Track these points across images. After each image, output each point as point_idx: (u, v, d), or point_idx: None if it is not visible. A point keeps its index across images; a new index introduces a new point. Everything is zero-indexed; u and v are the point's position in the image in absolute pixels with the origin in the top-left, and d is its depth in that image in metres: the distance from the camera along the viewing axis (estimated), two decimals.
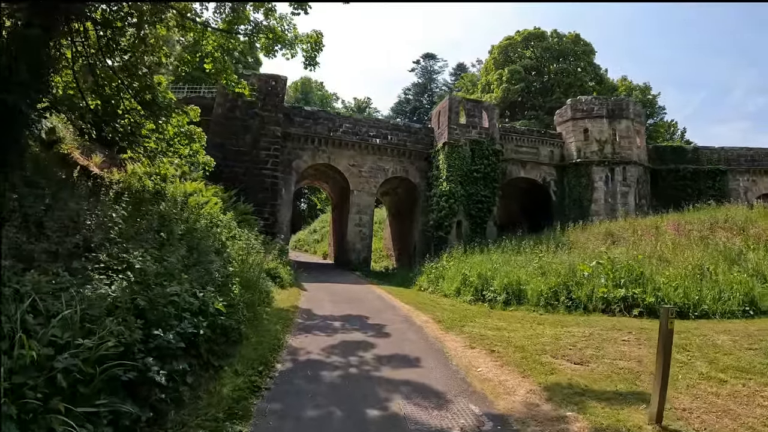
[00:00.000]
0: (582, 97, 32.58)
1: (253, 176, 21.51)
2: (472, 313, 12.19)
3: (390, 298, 14.04)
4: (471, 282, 14.89)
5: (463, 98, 28.19)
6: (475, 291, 14.57)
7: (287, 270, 14.39)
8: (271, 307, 10.17)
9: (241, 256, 10.66)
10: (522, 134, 30.20)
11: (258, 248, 13.81)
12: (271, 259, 13.68)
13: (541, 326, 10.35)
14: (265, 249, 14.96)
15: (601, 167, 29.54)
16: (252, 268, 9.86)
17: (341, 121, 25.02)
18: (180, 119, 13.34)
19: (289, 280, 13.88)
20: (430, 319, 10.62)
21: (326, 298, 12.72)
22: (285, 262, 15.12)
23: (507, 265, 16.02)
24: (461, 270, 16.44)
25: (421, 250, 25.70)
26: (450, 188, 23.62)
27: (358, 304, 11.90)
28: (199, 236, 9.43)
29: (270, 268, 13.08)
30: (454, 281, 15.93)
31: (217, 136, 22.10)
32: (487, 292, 14.19)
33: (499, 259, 16.57)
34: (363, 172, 25.05)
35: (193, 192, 15.94)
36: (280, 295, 12.03)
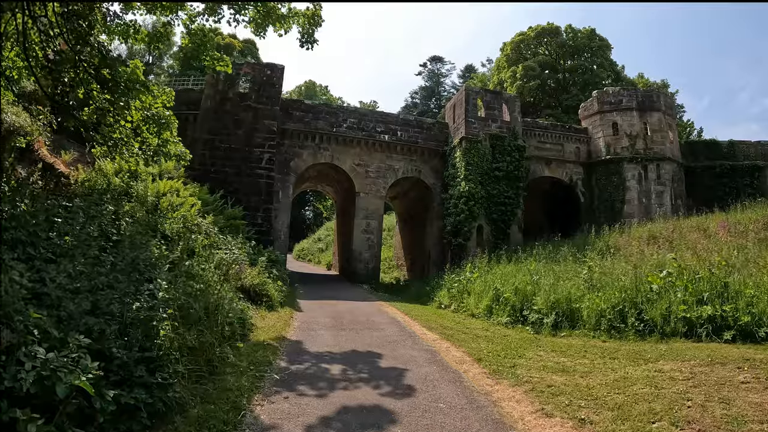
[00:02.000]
0: (609, 88, 29.83)
1: (246, 176, 18.84)
2: (515, 342, 9.36)
3: (406, 320, 11.19)
4: (506, 299, 12.06)
5: (481, 89, 25.47)
6: (513, 310, 11.78)
7: (277, 286, 11.62)
8: (247, 340, 7.38)
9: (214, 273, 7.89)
10: (545, 129, 27.42)
11: (242, 259, 11.06)
12: (257, 273, 10.92)
13: (617, 362, 7.67)
14: (252, 260, 12.20)
15: (633, 164, 26.81)
16: (215, 288, 7.07)
17: (345, 116, 22.34)
18: (147, 100, 10.78)
19: (279, 298, 11.09)
20: (465, 355, 7.77)
21: (325, 323, 9.89)
22: (276, 275, 12.36)
23: (546, 276, 13.24)
24: (491, 283, 13.63)
25: (436, 259, 22.85)
26: (469, 188, 20.79)
27: (366, 333, 9.06)
28: (139, 244, 6.69)
29: (254, 284, 10.32)
30: (484, 297, 13.09)
31: (205, 132, 19.54)
32: (528, 312, 11.38)
33: (537, 270, 13.71)
34: (370, 172, 22.29)
35: (166, 192, 13.29)
36: (265, 321, 9.23)
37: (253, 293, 10.35)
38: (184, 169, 16.49)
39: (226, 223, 14.83)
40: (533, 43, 52.91)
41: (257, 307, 10.05)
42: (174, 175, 15.90)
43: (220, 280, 7.82)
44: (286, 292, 12.48)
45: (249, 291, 10.32)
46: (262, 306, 10.23)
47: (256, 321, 8.84)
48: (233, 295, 7.98)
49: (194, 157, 19.95)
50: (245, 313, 7.96)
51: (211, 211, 14.28)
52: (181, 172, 16.26)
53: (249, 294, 10.35)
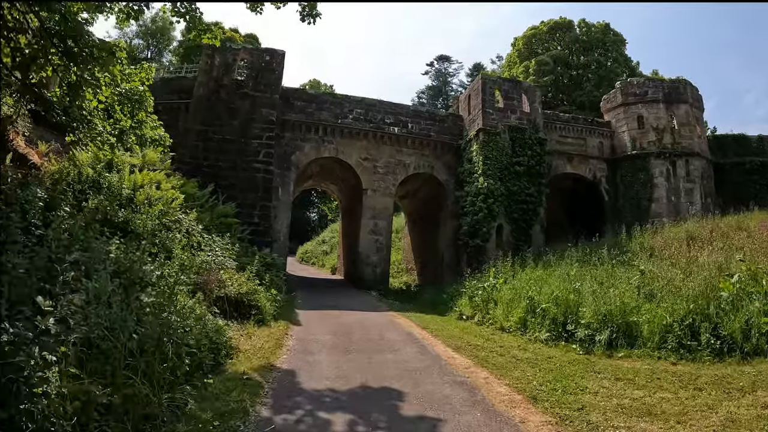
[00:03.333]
0: (633, 79, 27.89)
1: (241, 171, 17.00)
2: (566, 367, 7.45)
3: (426, 337, 9.25)
4: (545, 310, 10.11)
5: (499, 77, 23.57)
6: (553, 324, 9.87)
7: (271, 295, 9.70)
8: (222, 372, 5.49)
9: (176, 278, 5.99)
10: (566, 122, 25.43)
11: (227, 263, 9.19)
12: (246, 279, 9.02)
13: (706, 394, 5.97)
14: (241, 263, 10.31)
15: (661, 160, 24.82)
16: (179, 302, 5.18)
17: (351, 106, 20.47)
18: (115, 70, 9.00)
19: (272, 310, 9.17)
20: (512, 391, 5.84)
21: (327, 342, 7.97)
22: (269, 282, 10.44)
23: (586, 282, 11.34)
24: (521, 291, 11.71)
25: (450, 262, 20.89)
26: (488, 185, 18.83)
27: (378, 356, 7.14)
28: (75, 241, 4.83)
29: (241, 293, 8.42)
30: (515, 308, 11.16)
31: (198, 122, 17.75)
32: (574, 326, 9.46)
33: (577, 275, 11.76)
34: (378, 167, 20.39)
35: (144, 184, 11.46)
36: (252, 341, 7.33)
37: (240, 304, 8.46)
38: (170, 161, 14.70)
39: (216, 222, 12.99)
40: (545, 37, 51.04)
41: (243, 322, 8.16)
42: (160, 167, 14.11)
43: (187, 290, 5.94)
44: (281, 302, 10.57)
45: (234, 301, 8.43)
46: (251, 320, 8.33)
47: (239, 342, 6.94)
48: (204, 310, 6.08)
49: (185, 149, 18.20)
50: (222, 332, 6.06)
51: (197, 207, 12.44)
52: (167, 165, 14.46)
53: (235, 305, 8.46)
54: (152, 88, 21.13)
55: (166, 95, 20.09)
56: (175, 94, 19.85)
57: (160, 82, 20.90)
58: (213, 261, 8.66)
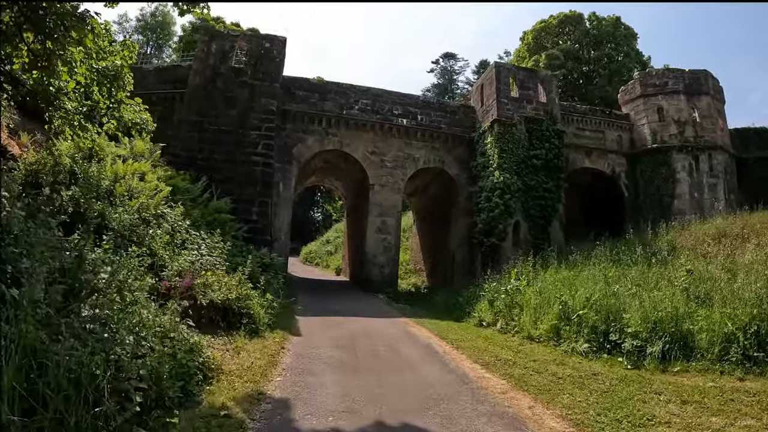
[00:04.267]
0: (652, 70, 26.46)
1: (239, 164, 15.76)
2: (619, 387, 6.21)
3: (447, 350, 7.95)
4: (582, 317, 8.79)
5: (514, 66, 22.26)
6: (593, 333, 8.55)
7: (266, 301, 8.41)
8: (196, 402, 4.22)
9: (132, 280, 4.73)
10: (583, 114, 24.09)
11: (216, 264, 7.93)
12: (237, 283, 7.76)
13: None
14: (234, 264, 9.04)
15: (683, 154, 23.50)
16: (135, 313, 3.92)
17: (357, 96, 19.19)
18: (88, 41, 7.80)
19: (267, 319, 7.87)
20: (569, 425, 4.55)
21: (331, 358, 6.69)
22: (265, 285, 9.13)
23: (621, 284, 10.11)
24: (550, 294, 10.40)
25: (462, 263, 19.57)
26: (504, 179, 17.49)
27: (394, 378, 5.85)
28: None
29: (230, 299, 7.15)
30: (544, 314, 9.85)
31: (193, 112, 16.56)
32: (618, 335, 8.17)
33: (616, 276, 10.44)
34: (386, 161, 19.10)
35: (126, 175, 10.26)
36: (240, 357, 6.05)
37: (228, 312, 7.20)
38: (160, 152, 13.52)
39: (209, 218, 11.75)
40: (555, 31, 49.64)
41: (232, 333, 6.90)
42: (149, 159, 12.92)
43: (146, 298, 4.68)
44: (279, 308, 9.28)
45: (222, 309, 7.17)
46: (241, 331, 7.06)
47: (223, 359, 5.67)
48: (175, 323, 4.80)
49: (179, 141, 16.96)
50: (197, 351, 4.78)
51: (187, 201, 11.20)
52: (156, 156, 13.27)
53: (222, 313, 7.20)
54: (146, 78, 19.97)
55: (161, 85, 18.95)
56: (170, 84, 18.66)
57: (154, 72, 19.78)
58: (197, 262, 7.39)
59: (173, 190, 11.16)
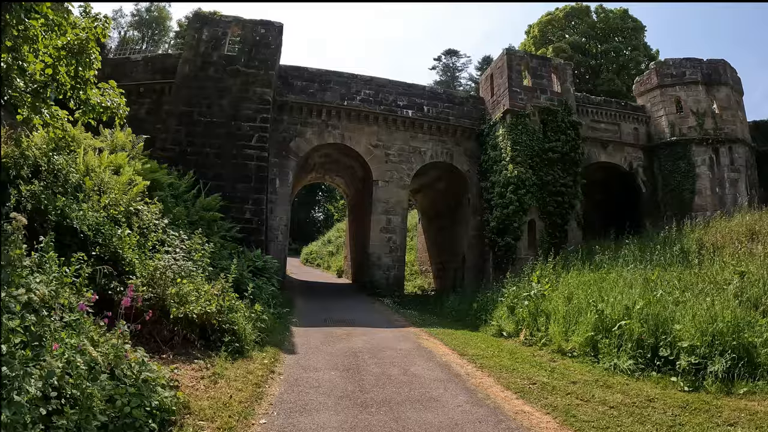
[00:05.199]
0: (669, 59, 25.07)
1: (231, 158, 14.49)
2: (685, 418, 5.16)
3: (471, 373, 6.65)
4: (625, 328, 7.51)
5: (525, 53, 20.92)
6: (638, 347, 7.28)
7: (255, 313, 7.11)
8: None
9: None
10: (598, 106, 22.79)
11: (195, 268, 6.65)
12: (219, 292, 6.48)
13: None
14: (221, 267, 7.76)
15: (703, 147, 22.28)
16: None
17: (359, 86, 17.91)
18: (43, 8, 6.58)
19: (254, 335, 6.57)
20: None
21: (330, 388, 5.39)
22: (254, 293, 7.83)
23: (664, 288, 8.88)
24: (580, 301, 9.12)
25: (473, 264, 18.27)
26: (518, 173, 16.19)
27: (412, 418, 4.55)
28: None
29: (209, 313, 5.88)
30: (577, 324, 8.58)
31: (182, 103, 15.29)
32: (670, 350, 6.90)
33: (657, 279, 9.16)
34: (391, 155, 17.80)
35: (96, 168, 9.00)
36: (216, 389, 4.76)
37: (207, 329, 5.93)
38: (143, 145, 12.27)
39: (195, 217, 10.48)
40: (562, 24, 48.31)
41: (210, 354, 5.63)
42: (131, 152, 11.66)
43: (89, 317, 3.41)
44: (271, 319, 8.00)
45: (199, 325, 5.89)
46: (221, 351, 5.78)
47: (194, 392, 4.39)
48: (120, 352, 3.53)
49: (167, 134, 15.72)
50: (151, 393, 3.50)
51: (170, 198, 9.93)
52: (139, 148, 12.02)
53: (200, 330, 5.92)
54: (134, 69, 18.64)
55: (149, 75, 17.73)
56: (158, 73, 17.41)
57: (142, 62, 18.54)
58: (169, 267, 6.11)
59: (153, 185, 9.90)
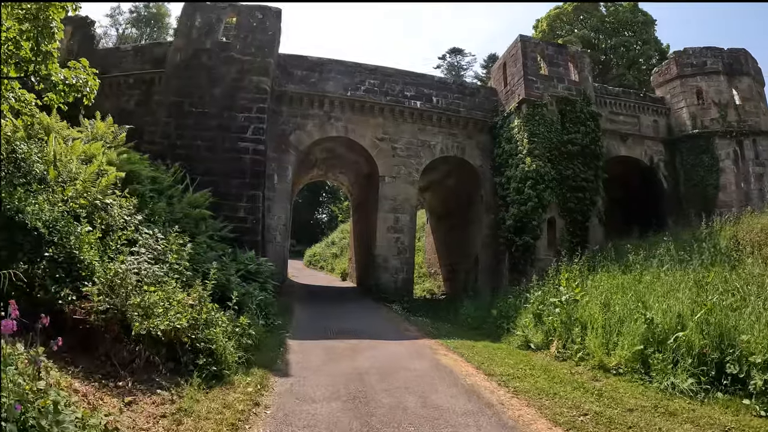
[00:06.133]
0: (689, 48, 23.80)
1: (224, 152, 13.31)
2: None
3: (503, 398, 5.40)
4: (683, 340, 6.26)
5: (540, 41, 19.67)
6: (699, 362, 6.02)
7: (238, 327, 5.84)
8: None
9: None
10: (616, 97, 21.56)
11: (161, 274, 5.45)
12: (196, 302, 5.27)
13: None
14: (201, 272, 6.56)
15: (727, 140, 21.08)
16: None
17: (363, 76, 16.70)
18: None
19: (237, 354, 5.23)
20: None
21: (331, 429, 4.17)
22: (240, 301, 6.60)
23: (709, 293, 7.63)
24: (621, 308, 7.87)
25: (487, 266, 16.99)
26: (536, 167, 14.93)
27: None
28: None
29: (180, 329, 4.67)
30: (617, 334, 7.34)
31: (172, 93, 14.15)
32: (740, 366, 5.63)
33: (712, 281, 7.88)
34: (398, 149, 16.57)
35: (62, 157, 7.84)
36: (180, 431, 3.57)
37: (177, 348, 4.72)
38: (125, 136, 11.11)
39: (179, 215, 9.28)
40: (570, 18, 47.06)
41: (179, 381, 4.41)
42: (112, 142, 10.51)
43: None
44: (261, 333, 6.75)
45: (167, 344, 4.68)
46: (193, 377, 4.56)
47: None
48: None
49: (155, 127, 14.43)
50: None
51: (148, 192, 8.73)
52: (121, 138, 10.85)
53: (167, 349, 4.71)
54: (124, 59, 17.48)
55: (139, 66, 16.65)
56: (148, 63, 16.34)
57: (132, 52, 17.49)
58: (133, 271, 4.91)
59: (130, 178, 8.73)
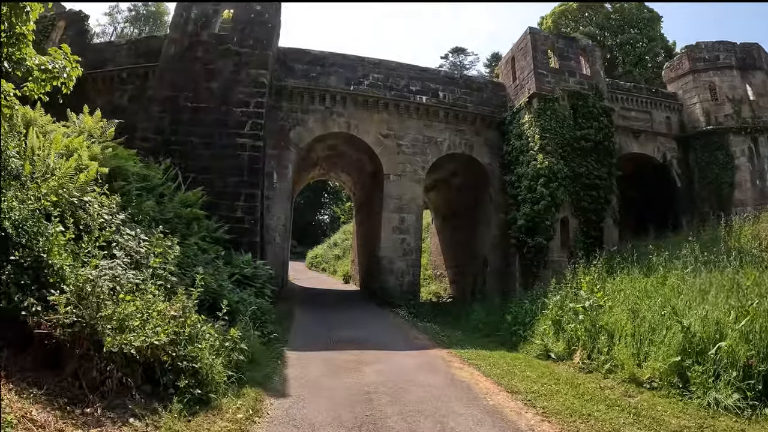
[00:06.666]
0: (701, 42, 23.14)
1: (221, 148, 12.63)
2: None
3: (532, 422, 4.69)
4: (725, 351, 5.54)
5: (550, 33, 18.96)
6: (745, 376, 5.33)
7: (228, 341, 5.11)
8: None
9: None
10: (628, 92, 20.87)
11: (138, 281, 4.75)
12: (178, 313, 4.58)
13: None
14: (187, 278, 5.87)
15: (741, 136, 20.57)
16: None
17: (367, 70, 16.01)
18: None
19: (226, 373, 4.56)
20: None
21: None
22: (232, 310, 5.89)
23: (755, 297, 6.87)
24: (654, 314, 7.14)
25: (496, 268, 16.25)
26: (548, 164, 14.21)
27: None
28: None
29: (157, 345, 3.99)
30: (648, 343, 6.62)
31: (166, 87, 13.49)
32: None
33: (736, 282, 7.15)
34: (403, 146, 15.86)
35: (39, 150, 7.15)
36: None
37: (156, 368, 4.02)
38: (114, 131, 10.42)
39: (169, 214, 8.59)
40: (575, 15, 46.35)
41: (155, 406, 3.71)
42: (101, 138, 9.83)
43: None
44: (256, 346, 6.01)
45: (143, 363, 3.99)
46: (172, 403, 3.85)
47: None
48: None
49: (148, 123, 13.67)
50: None
51: (134, 190, 8.04)
52: (109, 134, 10.17)
53: (144, 371, 4.02)
54: (118, 54, 16.79)
55: (132, 60, 16.03)
56: (142, 57, 15.72)
57: (126, 46, 16.87)
58: (105, 278, 4.21)
59: (115, 174, 8.04)
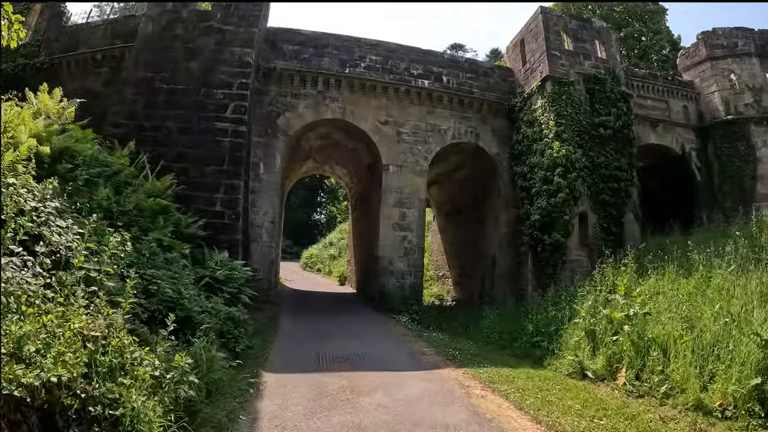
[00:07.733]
0: (718, 28, 21.91)
1: (199, 134, 11.21)
2: None
3: None
4: None
5: (563, 13, 17.56)
6: None
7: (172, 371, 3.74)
8: None
9: None
10: (643, 79, 19.55)
11: (46, 291, 3.35)
12: (98, 334, 3.23)
13: None
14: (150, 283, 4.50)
15: (763, 127, 19.68)
16: None
17: (363, 51, 14.61)
18: None
19: (157, 425, 3.22)
20: None
21: None
22: (168, 328, 4.55)
23: None
24: (716, 323, 5.77)
25: (506, 268, 14.87)
26: (565, 152, 12.84)
27: None
28: None
29: (51, 382, 2.63)
30: (716, 361, 5.20)
31: (142, 68, 12.09)
32: None
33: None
34: (404, 134, 14.47)
35: None
36: None
37: (57, 416, 2.65)
38: (74, 110, 9.02)
39: (129, 205, 7.18)
40: (579, 8, 45.12)
41: None
42: (59, 118, 8.43)
43: None
44: (219, 371, 4.58)
45: (42, 408, 2.62)
46: None
47: None
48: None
49: (120, 107, 12.09)
50: None
51: (82, 173, 6.63)
52: (69, 115, 8.76)
53: (46, 419, 2.64)
54: (94, 35, 15.27)
55: (109, 42, 14.65)
56: (119, 38, 14.32)
57: (102, 27, 15.45)
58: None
59: (62, 156, 6.63)
